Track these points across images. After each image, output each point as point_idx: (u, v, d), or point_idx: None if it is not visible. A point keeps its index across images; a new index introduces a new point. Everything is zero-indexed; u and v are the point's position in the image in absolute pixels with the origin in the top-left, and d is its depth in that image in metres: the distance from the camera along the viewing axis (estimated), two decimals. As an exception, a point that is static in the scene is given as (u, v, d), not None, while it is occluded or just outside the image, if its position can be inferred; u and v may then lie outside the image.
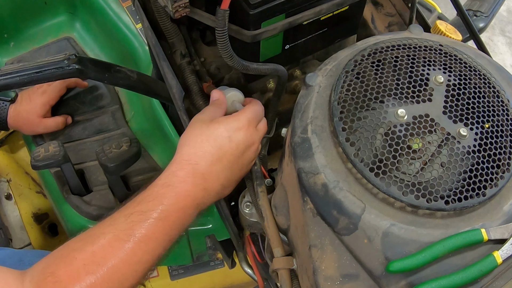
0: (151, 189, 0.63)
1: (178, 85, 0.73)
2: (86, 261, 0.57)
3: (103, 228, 0.60)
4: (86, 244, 0.59)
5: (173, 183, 0.63)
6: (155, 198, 0.62)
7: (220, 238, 0.98)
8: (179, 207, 0.62)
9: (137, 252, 0.59)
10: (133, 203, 0.62)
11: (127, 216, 0.61)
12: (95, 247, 0.58)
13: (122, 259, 0.58)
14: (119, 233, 0.59)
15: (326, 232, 0.56)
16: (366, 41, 0.67)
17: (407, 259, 0.51)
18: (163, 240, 0.62)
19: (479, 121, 0.57)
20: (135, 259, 0.59)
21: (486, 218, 0.54)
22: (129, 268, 0.59)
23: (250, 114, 0.70)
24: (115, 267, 0.58)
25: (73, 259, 0.58)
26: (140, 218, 0.60)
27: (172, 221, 0.62)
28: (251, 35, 0.67)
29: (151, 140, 1.07)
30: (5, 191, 1.27)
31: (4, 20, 1.21)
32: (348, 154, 0.55)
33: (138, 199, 0.63)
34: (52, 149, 0.89)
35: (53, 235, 1.29)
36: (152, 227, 0.60)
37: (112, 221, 0.61)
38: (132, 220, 0.60)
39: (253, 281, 0.86)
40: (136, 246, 0.59)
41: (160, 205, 0.61)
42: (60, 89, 1.08)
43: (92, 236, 0.60)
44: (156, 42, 0.74)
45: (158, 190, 0.63)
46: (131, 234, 0.59)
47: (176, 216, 0.62)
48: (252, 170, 0.74)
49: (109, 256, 0.58)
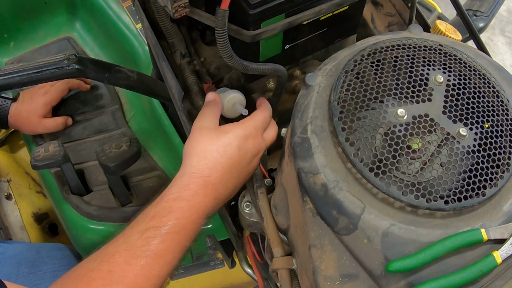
0: (163, 202, 0.63)
1: (178, 85, 0.73)
2: (105, 280, 0.57)
3: (117, 246, 0.60)
4: (102, 263, 0.58)
5: (186, 196, 0.63)
6: (169, 213, 0.62)
7: (220, 238, 0.98)
8: (192, 219, 0.63)
9: (155, 267, 0.59)
10: (146, 218, 0.62)
11: (141, 232, 0.60)
12: (112, 266, 0.58)
13: (140, 275, 0.58)
14: (135, 250, 0.59)
15: (326, 232, 0.56)
16: (366, 41, 0.67)
17: (407, 259, 0.51)
18: (178, 252, 0.62)
19: (479, 121, 0.57)
20: (153, 273, 0.59)
21: (485, 218, 0.54)
22: (147, 283, 0.59)
23: (258, 122, 0.71)
24: (134, 284, 0.57)
25: (90, 279, 0.57)
26: (155, 234, 0.60)
27: (186, 233, 0.62)
28: (251, 35, 0.67)
29: (151, 140, 1.07)
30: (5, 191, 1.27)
31: (4, 20, 1.21)
32: (348, 154, 0.55)
33: (150, 214, 0.62)
34: (52, 149, 0.89)
35: (53, 235, 1.29)
36: (167, 242, 0.60)
37: (125, 238, 0.61)
38: (147, 236, 0.60)
39: (253, 281, 0.86)
40: (153, 261, 0.59)
41: (175, 220, 0.61)
42: (62, 90, 1.08)
43: (108, 255, 0.59)
44: (156, 42, 0.74)
45: (172, 205, 0.62)
46: (148, 250, 0.59)
47: (190, 228, 0.63)
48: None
49: (127, 273, 0.58)
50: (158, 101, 1.02)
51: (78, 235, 0.98)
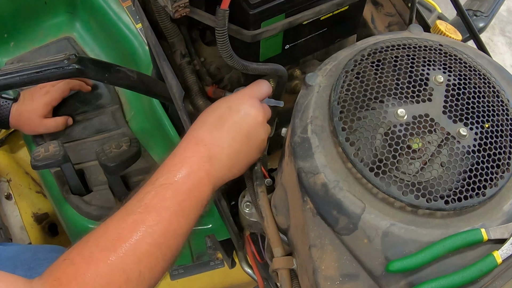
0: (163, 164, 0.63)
1: (178, 85, 0.73)
2: (99, 238, 0.55)
3: (114, 216, 0.58)
4: (99, 228, 0.57)
5: (177, 151, 0.63)
6: (163, 168, 0.61)
7: (220, 238, 0.98)
8: (186, 173, 0.61)
9: (148, 221, 0.56)
10: (141, 188, 0.61)
11: (137, 200, 0.59)
12: (109, 227, 0.56)
13: (132, 231, 0.55)
14: (131, 207, 0.57)
15: (326, 232, 0.56)
16: (366, 41, 0.67)
17: (407, 259, 0.51)
18: (174, 208, 0.59)
19: (479, 121, 0.57)
20: (146, 229, 0.56)
21: (486, 218, 0.54)
22: (143, 241, 0.55)
23: (250, 89, 0.70)
24: (127, 241, 0.55)
25: (86, 241, 0.56)
26: (149, 189, 0.59)
27: (178, 187, 0.60)
28: (251, 35, 0.67)
29: (151, 140, 1.07)
30: (5, 191, 1.27)
31: (4, 20, 1.21)
32: (348, 154, 0.55)
33: (148, 180, 0.61)
34: (52, 149, 0.89)
35: (53, 235, 1.29)
36: (160, 195, 0.58)
37: (123, 208, 0.59)
38: (142, 192, 0.59)
39: (253, 281, 0.86)
40: (146, 215, 0.56)
41: (167, 173, 0.60)
42: (64, 91, 1.08)
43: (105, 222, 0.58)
44: (156, 42, 0.74)
45: (168, 162, 0.62)
46: (140, 206, 0.57)
47: (182, 182, 0.60)
48: (252, 170, 0.74)
49: (122, 230, 0.55)
50: (158, 101, 1.02)
51: (78, 235, 0.98)
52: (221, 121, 0.65)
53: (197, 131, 0.65)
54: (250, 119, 0.67)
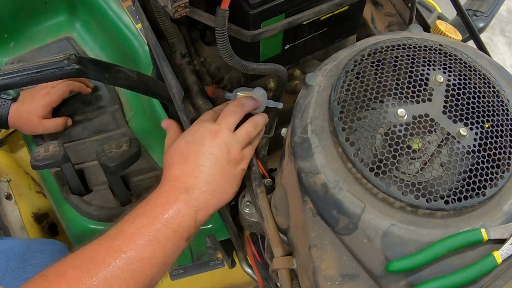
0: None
1: (178, 85, 0.73)
2: (75, 259, 0.58)
3: (95, 240, 0.63)
4: (79, 249, 0.60)
5: (155, 190, 0.67)
6: (143, 203, 0.65)
7: (220, 238, 0.98)
8: (164, 203, 0.64)
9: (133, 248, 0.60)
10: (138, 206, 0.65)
11: (116, 227, 0.63)
12: (86, 249, 0.60)
13: (110, 257, 0.58)
14: (109, 233, 0.61)
15: (326, 232, 0.56)
16: (366, 41, 0.67)
17: (407, 259, 0.51)
18: (155, 238, 0.62)
19: (479, 121, 0.57)
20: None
21: (486, 218, 0.54)
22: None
23: (205, 115, 0.74)
24: (106, 263, 0.58)
25: (63, 261, 0.59)
26: (127, 218, 0.63)
27: (163, 218, 0.63)
28: (251, 35, 0.67)
29: (151, 140, 1.07)
30: (5, 191, 1.27)
31: (4, 20, 1.21)
32: (348, 154, 0.55)
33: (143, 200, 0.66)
34: (52, 149, 0.89)
35: (53, 235, 1.29)
36: (138, 222, 0.62)
37: (104, 234, 0.63)
38: (121, 225, 0.62)
39: (253, 281, 0.86)
40: (123, 242, 0.60)
41: (146, 206, 0.64)
42: (64, 92, 1.08)
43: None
44: (156, 42, 0.74)
45: (146, 199, 0.66)
46: (119, 231, 0.61)
47: (164, 214, 0.63)
48: (251, 170, 0.74)
49: (99, 254, 0.59)
50: (158, 101, 1.02)
51: (78, 235, 0.98)
52: (184, 156, 0.68)
53: (169, 172, 0.68)
54: (206, 140, 0.69)
